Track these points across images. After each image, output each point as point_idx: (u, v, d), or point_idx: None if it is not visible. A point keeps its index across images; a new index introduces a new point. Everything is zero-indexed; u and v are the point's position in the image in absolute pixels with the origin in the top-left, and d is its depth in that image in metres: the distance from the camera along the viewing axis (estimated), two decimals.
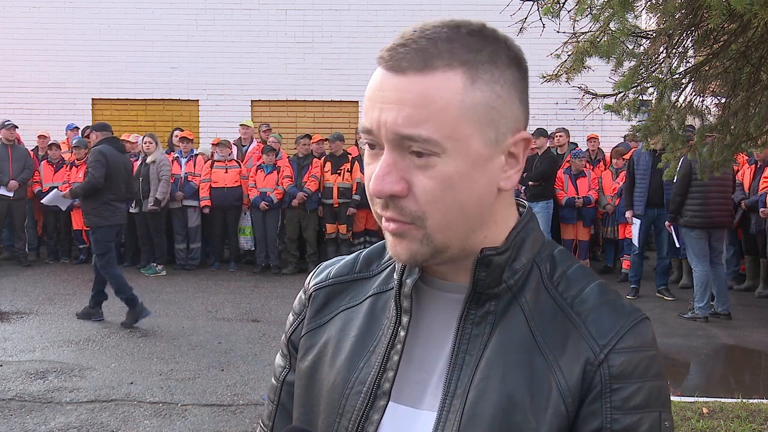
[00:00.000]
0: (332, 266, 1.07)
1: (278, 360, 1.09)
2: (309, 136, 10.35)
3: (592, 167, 10.30)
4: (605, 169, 10.30)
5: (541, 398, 0.85)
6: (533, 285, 0.91)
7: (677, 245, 7.84)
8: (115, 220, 7.01)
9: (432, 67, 0.82)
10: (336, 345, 0.98)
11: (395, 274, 0.96)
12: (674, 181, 7.59)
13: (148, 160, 9.75)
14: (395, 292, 0.95)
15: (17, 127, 10.34)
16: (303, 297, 1.07)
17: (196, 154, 10.49)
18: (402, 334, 0.93)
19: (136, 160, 10.15)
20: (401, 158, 0.84)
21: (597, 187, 9.88)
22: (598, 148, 10.78)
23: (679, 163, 7.19)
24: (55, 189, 7.71)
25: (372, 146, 0.87)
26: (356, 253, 1.08)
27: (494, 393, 0.86)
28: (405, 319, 0.93)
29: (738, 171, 8.58)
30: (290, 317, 1.08)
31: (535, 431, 0.84)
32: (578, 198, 9.73)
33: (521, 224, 0.93)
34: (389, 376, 0.92)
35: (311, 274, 1.09)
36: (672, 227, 7.82)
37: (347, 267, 1.05)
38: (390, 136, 0.83)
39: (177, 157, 10.40)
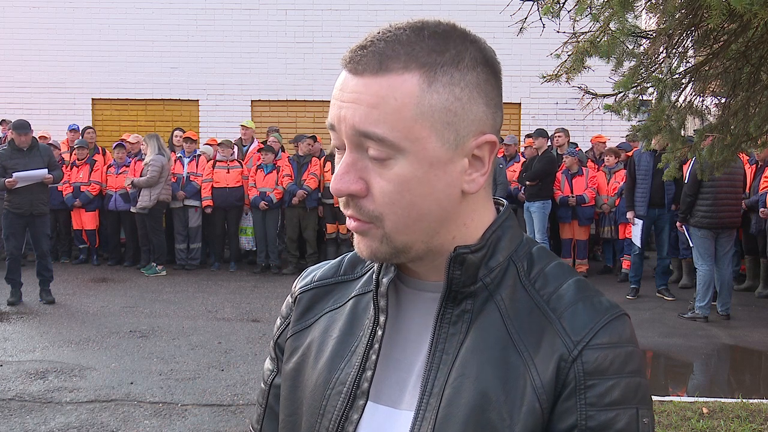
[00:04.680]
0: (317, 270, 1.08)
1: (267, 364, 1.10)
2: (310, 137, 10.36)
3: (597, 167, 10.27)
4: (598, 169, 10.27)
5: (515, 396, 0.84)
6: (510, 282, 0.90)
7: (690, 245, 7.81)
8: None
9: (387, 70, 0.83)
10: (319, 347, 0.99)
11: (374, 274, 0.97)
12: (685, 181, 7.60)
13: (145, 161, 9.78)
14: (373, 292, 0.95)
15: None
16: (290, 300, 1.09)
17: (199, 155, 10.50)
18: (379, 333, 0.93)
19: (140, 160, 10.17)
20: (360, 158, 0.86)
21: (594, 186, 9.87)
22: (603, 149, 10.78)
23: (690, 164, 7.22)
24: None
25: (339, 147, 0.89)
26: (342, 256, 1.08)
27: (469, 391, 0.85)
28: (382, 319, 0.93)
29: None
30: (278, 321, 1.10)
31: (510, 429, 0.83)
32: (572, 197, 9.74)
33: (497, 223, 0.93)
34: (368, 375, 0.92)
35: (298, 278, 1.11)
36: (684, 227, 7.81)
37: (332, 270, 1.06)
38: (349, 132, 0.85)
39: (180, 156, 10.42)
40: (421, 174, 0.85)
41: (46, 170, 7.83)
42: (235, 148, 10.79)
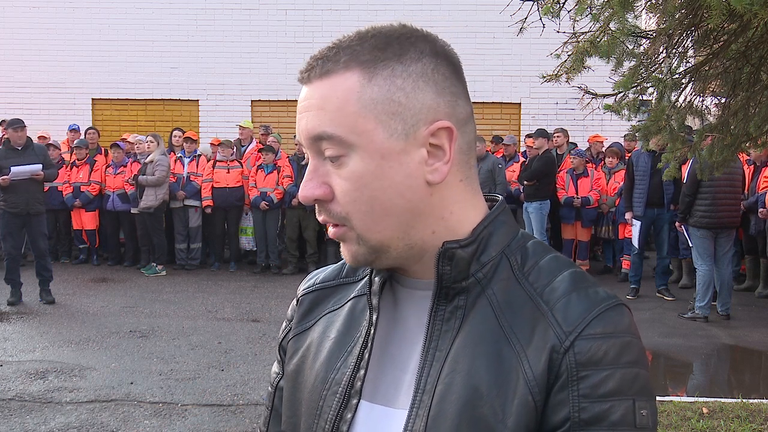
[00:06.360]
0: (321, 273, 1.09)
1: (274, 367, 1.11)
2: None
3: (595, 167, 10.26)
4: (596, 169, 10.25)
5: (507, 389, 0.83)
6: (503, 276, 0.89)
7: (690, 245, 7.80)
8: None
9: (330, 72, 0.87)
10: (317, 347, 1.00)
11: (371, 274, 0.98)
12: (683, 181, 7.59)
13: (147, 159, 9.76)
14: (367, 291, 0.96)
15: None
16: (294, 303, 1.09)
17: (199, 155, 10.50)
18: (372, 332, 0.94)
19: (136, 161, 10.16)
20: (322, 164, 0.89)
21: (599, 188, 9.86)
22: (601, 149, 10.77)
23: (689, 164, 7.22)
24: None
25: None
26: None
27: (460, 386, 0.85)
28: (374, 317, 0.94)
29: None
30: (283, 324, 1.10)
31: (502, 423, 0.82)
32: (577, 198, 9.72)
33: (489, 218, 0.92)
34: (361, 374, 0.93)
35: (303, 280, 1.11)
36: (683, 227, 7.81)
37: (334, 272, 1.07)
38: (307, 141, 0.89)
39: (180, 157, 10.42)
40: (374, 167, 0.86)
41: (41, 166, 7.85)
42: (234, 147, 10.79)
